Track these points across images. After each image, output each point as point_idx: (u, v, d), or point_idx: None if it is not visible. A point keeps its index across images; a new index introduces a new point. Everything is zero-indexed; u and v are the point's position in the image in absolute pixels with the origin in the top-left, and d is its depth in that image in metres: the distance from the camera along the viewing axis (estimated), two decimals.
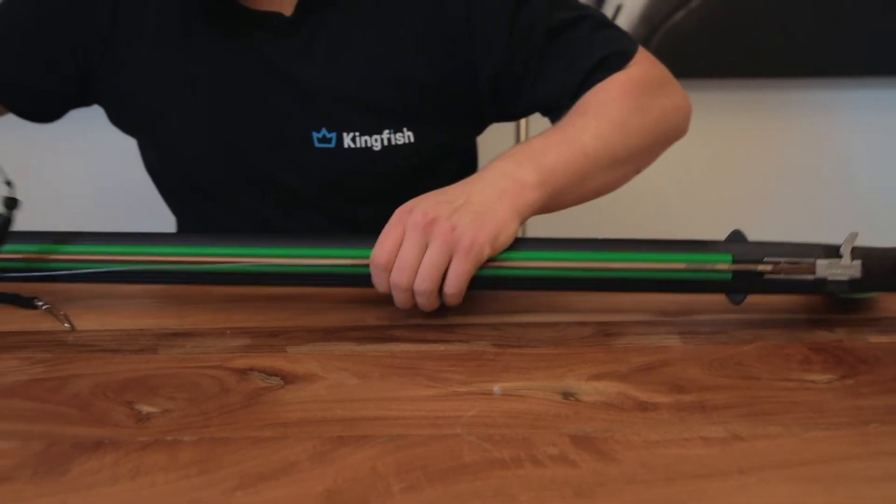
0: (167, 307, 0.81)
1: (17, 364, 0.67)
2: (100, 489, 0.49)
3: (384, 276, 0.72)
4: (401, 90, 0.92)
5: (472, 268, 0.70)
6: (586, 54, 0.92)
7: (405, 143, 0.92)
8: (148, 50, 0.94)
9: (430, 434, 0.55)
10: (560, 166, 0.79)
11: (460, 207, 0.72)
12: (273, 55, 0.92)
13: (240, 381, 0.63)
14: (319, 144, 0.92)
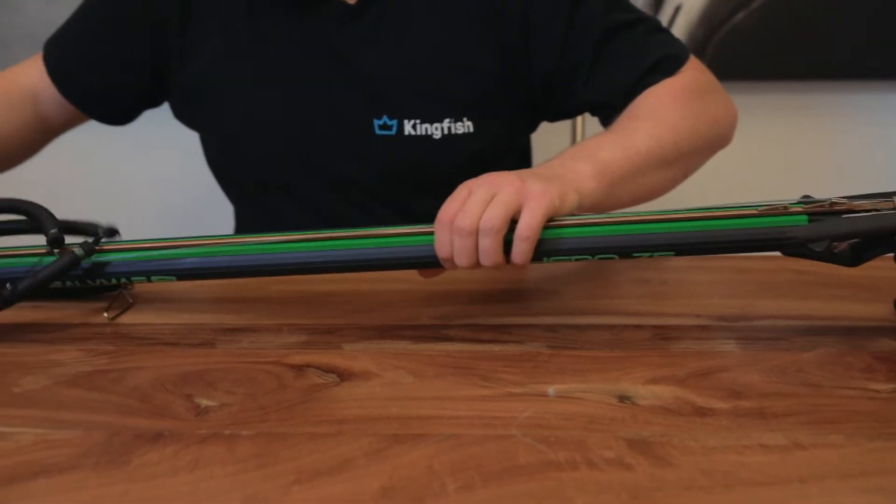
0: (225, 303, 0.82)
1: (80, 355, 0.68)
2: (160, 480, 0.50)
3: (445, 230, 0.69)
4: (462, 79, 0.94)
5: (545, 213, 0.68)
6: (641, 56, 0.93)
7: (465, 132, 0.94)
8: (216, 40, 0.97)
9: (484, 434, 0.55)
10: (614, 162, 0.79)
11: (525, 174, 0.72)
12: (336, 42, 0.93)
13: (296, 377, 0.64)
14: (380, 131, 0.93)
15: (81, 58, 1.03)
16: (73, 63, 1.03)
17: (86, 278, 0.76)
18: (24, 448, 0.54)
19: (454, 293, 0.83)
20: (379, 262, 0.73)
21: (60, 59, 1.03)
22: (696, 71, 0.95)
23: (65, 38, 1.04)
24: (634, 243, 0.70)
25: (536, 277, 0.89)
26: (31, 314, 0.78)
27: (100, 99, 1.04)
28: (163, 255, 0.75)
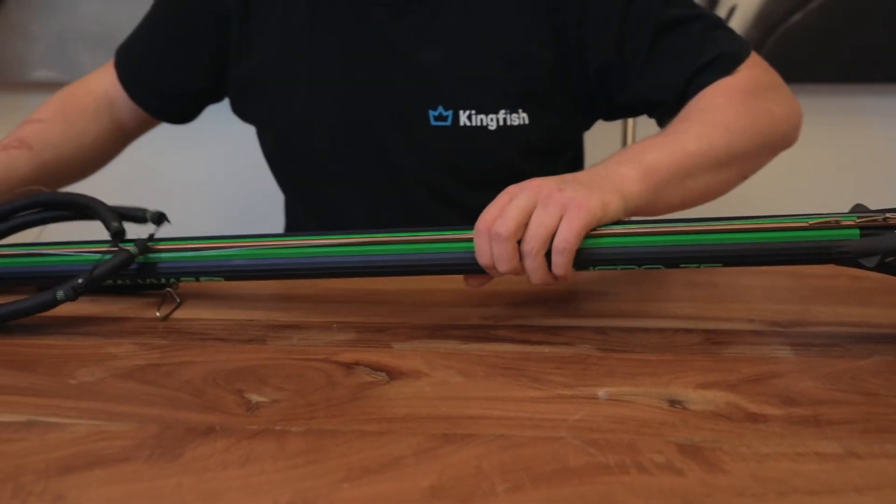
0: (275, 300, 0.83)
1: (134, 349, 0.70)
2: (211, 474, 0.50)
3: (484, 238, 0.69)
4: (518, 70, 0.93)
5: (585, 226, 0.68)
6: (696, 53, 0.91)
7: (520, 124, 0.93)
8: (275, 32, 0.98)
9: (534, 436, 0.55)
10: (661, 164, 0.78)
11: (568, 181, 0.71)
12: (393, 34, 0.94)
13: (346, 374, 0.64)
14: (436, 122, 0.94)
15: (147, 60, 1.06)
16: (140, 67, 1.07)
17: (137, 277, 0.77)
18: (79, 439, 0.54)
19: (503, 294, 0.82)
20: (424, 268, 0.73)
21: (129, 64, 1.07)
22: (755, 69, 0.92)
23: (132, 43, 1.08)
24: (681, 254, 0.70)
25: (586, 279, 0.89)
26: (87, 308, 0.80)
27: (166, 99, 1.08)
28: (212, 256, 0.76)
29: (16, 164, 0.96)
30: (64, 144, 1.02)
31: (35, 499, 0.48)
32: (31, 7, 1.80)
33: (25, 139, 0.99)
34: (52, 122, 1.03)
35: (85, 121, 1.05)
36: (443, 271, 0.73)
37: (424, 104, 0.94)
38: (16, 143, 0.98)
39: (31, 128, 1.02)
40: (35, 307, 0.73)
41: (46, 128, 1.02)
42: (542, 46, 0.93)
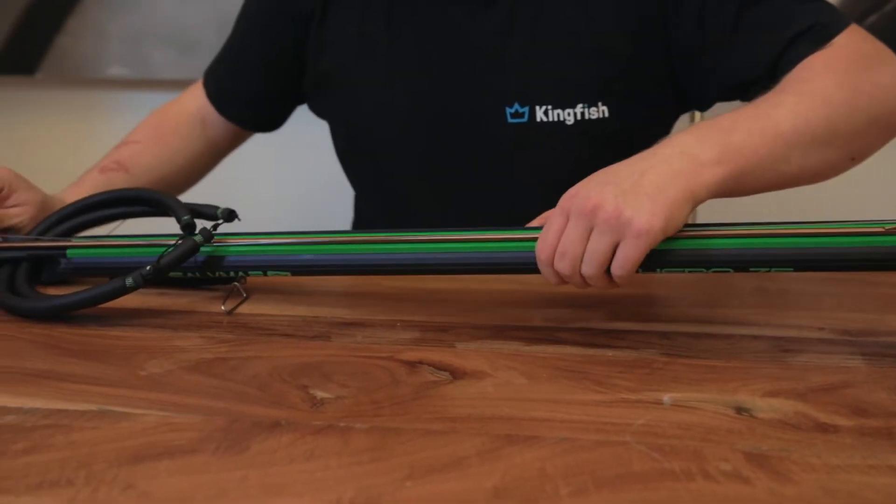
0: (340, 297, 0.84)
1: (201, 343, 0.71)
2: (277, 468, 0.51)
3: (548, 269, 0.69)
4: (597, 63, 0.92)
5: (643, 253, 0.66)
6: (785, 24, 0.84)
7: (599, 118, 0.92)
8: (353, 29, 0.99)
9: (598, 440, 0.54)
10: (747, 146, 0.71)
11: (628, 190, 0.66)
12: (470, 29, 0.94)
13: (410, 373, 0.64)
14: (512, 119, 0.93)
15: (232, 74, 1.09)
16: (226, 81, 1.10)
17: (205, 270, 0.78)
18: (149, 429, 0.55)
19: (566, 296, 0.82)
20: (490, 267, 0.73)
21: (215, 81, 1.10)
22: (856, 38, 0.83)
23: (218, 61, 1.11)
24: (751, 257, 0.68)
25: (650, 283, 0.88)
26: (156, 301, 0.81)
27: (253, 108, 1.11)
28: (279, 251, 0.77)
29: (114, 186, 0.99)
30: (159, 166, 1.06)
31: (106, 486, 0.49)
32: (108, 6, 1.85)
33: (123, 162, 1.03)
34: (148, 143, 1.07)
35: (179, 141, 1.09)
36: (509, 271, 0.73)
37: (500, 101, 0.94)
38: (114, 166, 1.02)
39: (128, 150, 1.05)
40: (106, 295, 0.75)
41: (142, 150, 1.06)
42: (622, 35, 0.92)
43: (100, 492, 0.48)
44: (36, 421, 0.56)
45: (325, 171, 1.24)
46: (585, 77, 0.92)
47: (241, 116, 1.11)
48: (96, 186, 0.98)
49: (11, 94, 1.97)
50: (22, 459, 0.52)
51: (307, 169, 1.92)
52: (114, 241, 0.82)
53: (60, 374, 0.64)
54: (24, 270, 0.83)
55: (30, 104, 1.98)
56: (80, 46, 1.87)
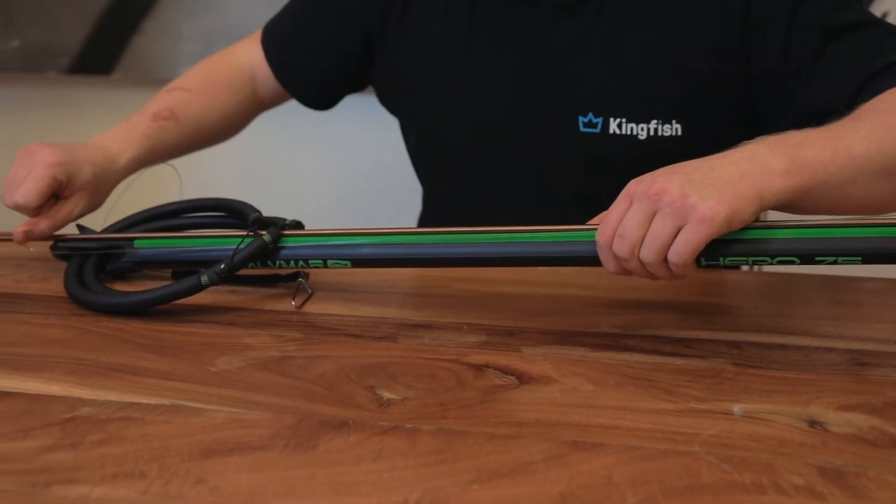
0: (407, 298, 0.84)
1: (270, 341, 0.72)
2: (344, 467, 0.51)
3: (607, 253, 0.68)
4: (674, 80, 0.91)
5: (704, 240, 0.64)
6: (870, 58, 0.84)
7: (672, 135, 0.91)
8: (432, 27, 1.00)
9: (666, 449, 0.54)
10: (817, 161, 0.70)
11: (696, 180, 0.66)
12: (550, 37, 0.94)
13: (476, 376, 0.64)
14: (584, 129, 0.93)
15: (297, 42, 1.09)
16: (289, 47, 1.10)
17: (267, 259, 0.79)
18: (219, 425, 0.56)
19: (634, 302, 0.81)
20: (551, 258, 0.73)
21: (277, 42, 1.11)
22: None
23: (282, 21, 1.12)
24: (817, 247, 0.66)
25: (720, 291, 0.86)
26: (226, 298, 0.82)
27: (310, 83, 1.11)
28: (340, 242, 0.77)
29: (165, 135, 1.03)
30: (206, 116, 1.08)
31: (178, 480, 0.50)
32: (182, 8, 1.88)
33: (174, 110, 1.05)
34: (198, 92, 1.08)
35: (227, 93, 1.10)
36: (570, 263, 0.73)
37: (574, 109, 0.93)
38: (165, 114, 1.04)
39: (178, 97, 1.07)
40: (181, 292, 0.76)
41: (192, 98, 1.07)
42: (703, 56, 0.90)
43: (172, 485, 0.49)
44: (111, 413, 0.58)
45: (391, 171, 1.24)
46: (663, 93, 0.91)
47: (297, 88, 1.12)
48: (148, 133, 1.01)
49: (89, 94, 2.02)
50: (98, 450, 0.53)
51: (373, 169, 1.94)
52: (180, 234, 0.84)
53: (134, 368, 0.66)
54: (91, 263, 0.85)
55: (106, 104, 2.02)
56: (154, 47, 1.91)
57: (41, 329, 0.74)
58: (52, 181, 0.87)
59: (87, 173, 0.91)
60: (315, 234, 0.79)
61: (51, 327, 0.75)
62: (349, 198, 1.99)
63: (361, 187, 1.96)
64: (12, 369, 0.65)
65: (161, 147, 1.03)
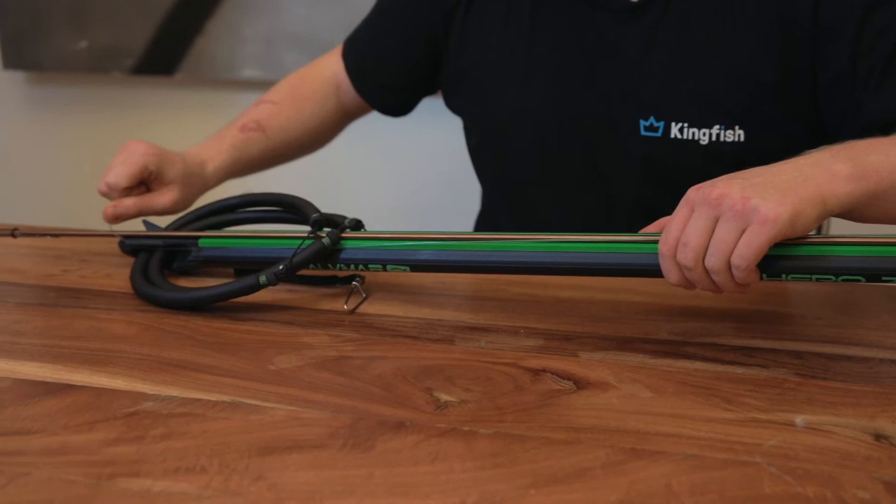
0: (464, 301, 0.84)
1: (328, 340, 0.72)
2: (402, 468, 0.51)
3: (670, 263, 0.68)
4: (739, 86, 0.90)
5: (767, 242, 0.63)
6: None
7: (734, 141, 0.90)
8: (496, 25, 1.00)
9: (726, 459, 0.53)
10: (883, 167, 0.69)
11: (757, 184, 0.65)
12: (614, 39, 0.94)
13: (533, 380, 0.64)
14: (646, 133, 0.92)
15: (371, 52, 1.12)
16: (365, 56, 1.13)
17: (327, 262, 0.80)
18: (278, 423, 0.57)
19: (694, 309, 0.80)
20: (611, 269, 0.72)
21: (355, 54, 1.14)
22: None
23: (360, 34, 1.14)
24: (884, 265, 0.65)
25: (782, 300, 0.85)
26: (284, 297, 0.83)
27: (385, 90, 1.13)
28: (399, 246, 0.78)
29: (251, 147, 1.07)
30: (293, 128, 1.11)
31: (238, 476, 0.50)
32: (245, 9, 1.91)
33: (261, 122, 1.08)
34: (284, 104, 1.12)
35: (313, 105, 1.13)
36: (630, 273, 0.72)
37: (636, 113, 0.93)
38: (253, 125, 1.08)
39: (266, 110, 1.10)
40: (240, 290, 0.77)
41: (279, 111, 1.11)
42: (768, 62, 0.89)
43: (232, 480, 0.50)
44: (173, 408, 0.59)
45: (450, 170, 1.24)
46: (726, 98, 0.90)
47: (374, 97, 1.14)
48: (235, 144, 1.05)
49: (152, 94, 2.06)
50: (160, 445, 0.54)
51: (432, 168, 1.95)
52: (243, 233, 0.85)
53: (196, 364, 0.67)
54: (157, 259, 0.87)
55: (169, 104, 2.06)
56: (217, 49, 1.94)
57: (105, 324, 0.76)
58: (142, 168, 0.93)
59: (177, 169, 0.96)
60: (374, 237, 0.79)
61: (114, 322, 0.76)
62: (407, 197, 2.00)
63: (419, 186, 1.97)
64: (78, 363, 0.66)
65: (248, 158, 1.07)
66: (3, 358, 0.67)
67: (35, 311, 0.79)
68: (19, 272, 0.91)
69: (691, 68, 0.91)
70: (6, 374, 0.64)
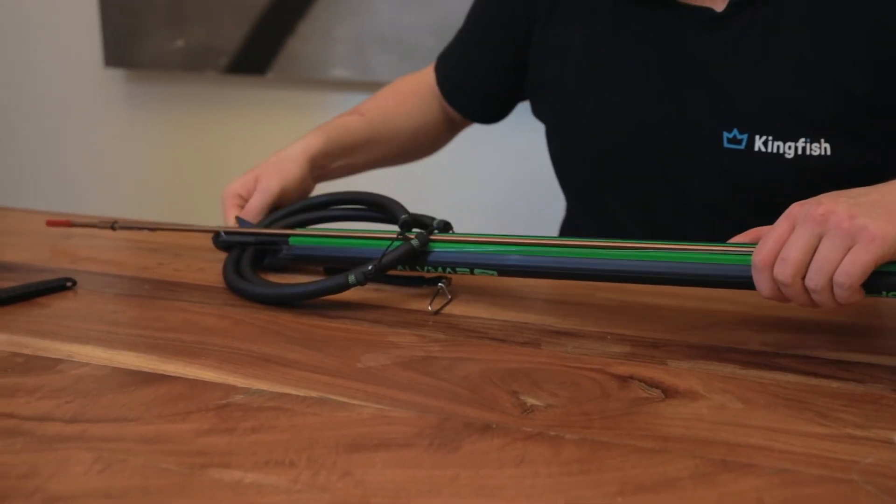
0: (550, 304, 0.84)
1: (415, 340, 0.73)
2: (487, 470, 0.51)
3: (764, 275, 0.66)
4: (826, 98, 0.87)
5: (874, 260, 0.61)
6: None
7: (820, 154, 0.87)
8: (578, 34, 1.00)
9: (820, 475, 0.52)
10: None
11: (863, 203, 0.63)
12: (697, 49, 0.92)
13: (620, 387, 0.64)
14: (728, 145, 0.90)
15: (460, 64, 1.14)
16: (455, 70, 1.14)
17: (416, 264, 0.81)
18: (365, 420, 0.58)
19: (786, 320, 0.78)
20: (700, 279, 0.71)
21: (446, 67, 1.15)
22: None
23: (451, 47, 1.16)
24: None
25: (878, 313, 0.82)
26: (371, 296, 0.84)
27: (478, 102, 1.15)
28: (488, 250, 0.78)
29: (351, 128, 1.09)
30: (395, 115, 1.13)
31: (326, 471, 0.51)
32: (336, 11, 1.93)
33: (359, 108, 1.12)
34: (385, 96, 1.15)
35: (416, 100, 1.15)
36: (719, 284, 0.71)
37: (719, 124, 0.91)
38: (349, 112, 1.11)
39: (366, 101, 1.14)
40: (330, 289, 0.78)
41: (379, 101, 1.14)
42: (856, 72, 0.86)
43: (320, 476, 0.50)
44: (263, 402, 0.60)
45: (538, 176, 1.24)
46: (812, 111, 0.87)
47: (466, 108, 1.15)
48: (333, 124, 1.08)
49: (244, 92, 2.11)
50: (250, 437, 0.55)
51: (518, 174, 1.94)
52: (333, 233, 0.86)
53: (285, 359, 0.68)
54: (249, 255, 0.89)
55: (260, 102, 2.10)
56: (308, 49, 1.97)
57: (197, 317, 0.77)
58: (273, 206, 0.97)
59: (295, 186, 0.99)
60: (462, 240, 0.79)
61: (206, 315, 0.78)
62: (496, 199, 2.00)
63: (510, 187, 1.97)
64: (172, 354, 0.68)
65: (351, 139, 1.08)
66: (102, 346, 0.69)
67: (131, 302, 0.82)
68: (117, 264, 0.94)
69: (776, 80, 0.88)
70: (105, 362, 0.67)
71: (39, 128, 2.31)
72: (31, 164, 2.35)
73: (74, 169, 2.31)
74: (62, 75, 2.24)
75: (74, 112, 2.27)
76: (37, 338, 0.71)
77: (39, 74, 2.26)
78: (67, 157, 2.31)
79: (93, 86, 2.22)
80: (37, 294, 0.82)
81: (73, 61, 2.22)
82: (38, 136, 2.32)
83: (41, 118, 2.30)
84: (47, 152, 2.33)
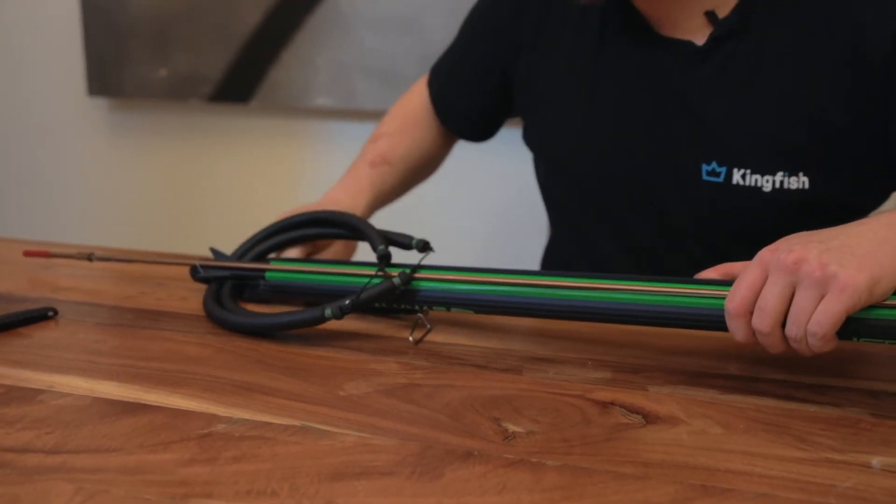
0: (531, 331, 0.84)
1: (397, 368, 0.73)
2: (470, 498, 0.52)
3: (738, 322, 0.66)
4: (805, 130, 0.87)
5: (846, 310, 0.62)
6: None
7: (798, 188, 0.88)
8: (561, 64, 1.02)
9: (799, 499, 0.52)
10: None
11: (833, 248, 0.64)
12: (678, 82, 0.93)
13: (601, 413, 0.64)
14: (707, 177, 0.91)
15: (451, 84, 1.16)
16: (445, 88, 1.17)
17: (392, 301, 0.81)
18: (347, 448, 0.58)
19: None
20: (675, 321, 0.71)
21: (437, 84, 1.18)
22: None
23: (443, 62, 1.19)
24: None
25: None
26: (353, 324, 0.84)
27: (463, 117, 1.17)
28: (464, 290, 0.78)
29: (386, 180, 1.12)
30: (412, 156, 1.16)
31: (308, 500, 0.51)
32: (319, 39, 1.95)
33: (385, 156, 1.14)
34: (400, 135, 1.17)
35: (422, 131, 1.18)
36: (694, 326, 0.71)
37: (698, 157, 0.92)
38: (379, 160, 1.13)
39: (385, 143, 1.16)
40: (305, 321, 0.78)
41: (397, 142, 1.16)
42: (837, 104, 0.86)
43: None
44: (245, 431, 0.60)
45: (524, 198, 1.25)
46: (790, 145, 0.88)
47: (456, 125, 1.18)
48: (373, 181, 1.10)
49: (228, 121, 2.11)
50: (232, 467, 0.55)
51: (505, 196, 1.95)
52: (309, 268, 0.86)
53: (267, 388, 0.68)
54: (228, 287, 0.89)
55: (243, 130, 2.11)
56: (291, 77, 1.98)
57: (180, 346, 0.77)
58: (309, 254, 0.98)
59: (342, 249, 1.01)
60: (443, 279, 0.79)
61: (188, 345, 0.78)
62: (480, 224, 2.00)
63: (492, 210, 1.98)
64: (154, 383, 0.68)
65: (385, 192, 1.12)
66: (84, 376, 0.69)
67: (114, 332, 0.82)
68: (99, 293, 0.94)
69: (757, 113, 0.89)
70: (86, 392, 0.66)
71: (22, 156, 2.31)
72: (14, 193, 2.34)
73: (58, 197, 2.31)
74: (45, 103, 2.25)
75: (58, 140, 2.27)
76: (17, 368, 0.71)
77: (22, 102, 2.27)
78: (51, 186, 2.31)
79: (76, 114, 2.23)
80: (18, 324, 0.82)
81: (56, 90, 2.22)
82: (22, 165, 2.32)
83: (24, 146, 2.30)
84: (30, 181, 2.33)
